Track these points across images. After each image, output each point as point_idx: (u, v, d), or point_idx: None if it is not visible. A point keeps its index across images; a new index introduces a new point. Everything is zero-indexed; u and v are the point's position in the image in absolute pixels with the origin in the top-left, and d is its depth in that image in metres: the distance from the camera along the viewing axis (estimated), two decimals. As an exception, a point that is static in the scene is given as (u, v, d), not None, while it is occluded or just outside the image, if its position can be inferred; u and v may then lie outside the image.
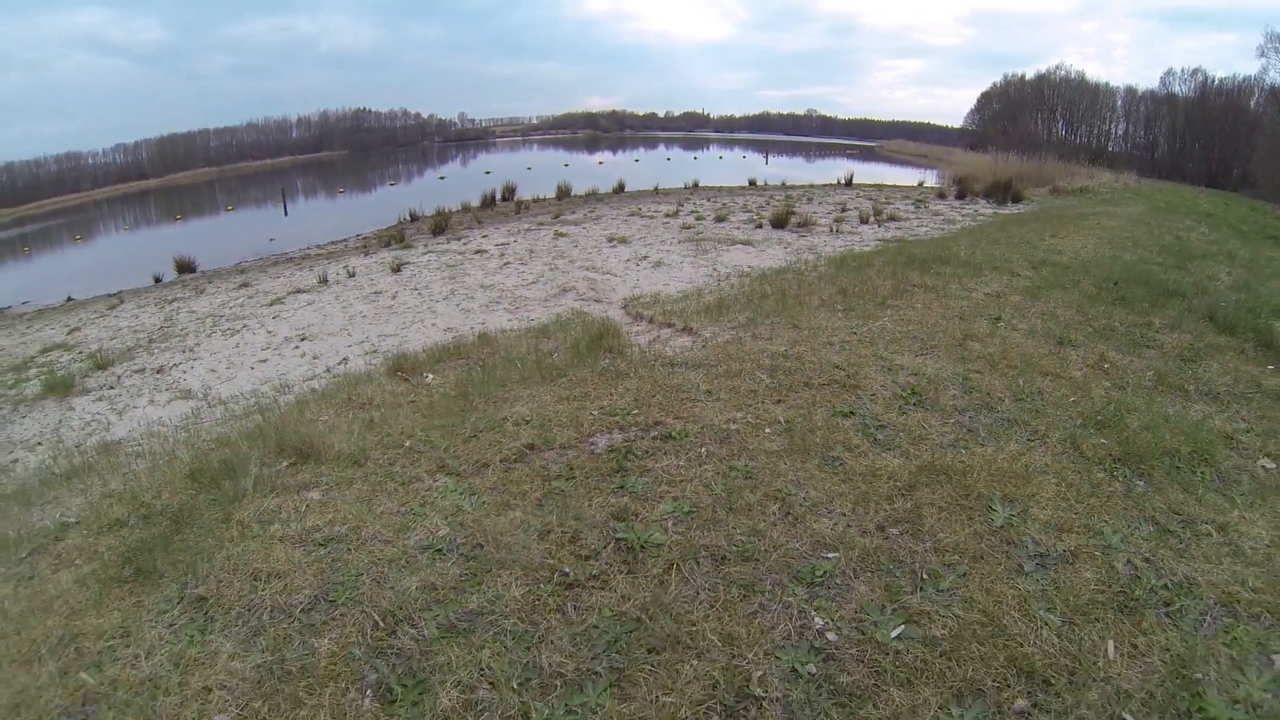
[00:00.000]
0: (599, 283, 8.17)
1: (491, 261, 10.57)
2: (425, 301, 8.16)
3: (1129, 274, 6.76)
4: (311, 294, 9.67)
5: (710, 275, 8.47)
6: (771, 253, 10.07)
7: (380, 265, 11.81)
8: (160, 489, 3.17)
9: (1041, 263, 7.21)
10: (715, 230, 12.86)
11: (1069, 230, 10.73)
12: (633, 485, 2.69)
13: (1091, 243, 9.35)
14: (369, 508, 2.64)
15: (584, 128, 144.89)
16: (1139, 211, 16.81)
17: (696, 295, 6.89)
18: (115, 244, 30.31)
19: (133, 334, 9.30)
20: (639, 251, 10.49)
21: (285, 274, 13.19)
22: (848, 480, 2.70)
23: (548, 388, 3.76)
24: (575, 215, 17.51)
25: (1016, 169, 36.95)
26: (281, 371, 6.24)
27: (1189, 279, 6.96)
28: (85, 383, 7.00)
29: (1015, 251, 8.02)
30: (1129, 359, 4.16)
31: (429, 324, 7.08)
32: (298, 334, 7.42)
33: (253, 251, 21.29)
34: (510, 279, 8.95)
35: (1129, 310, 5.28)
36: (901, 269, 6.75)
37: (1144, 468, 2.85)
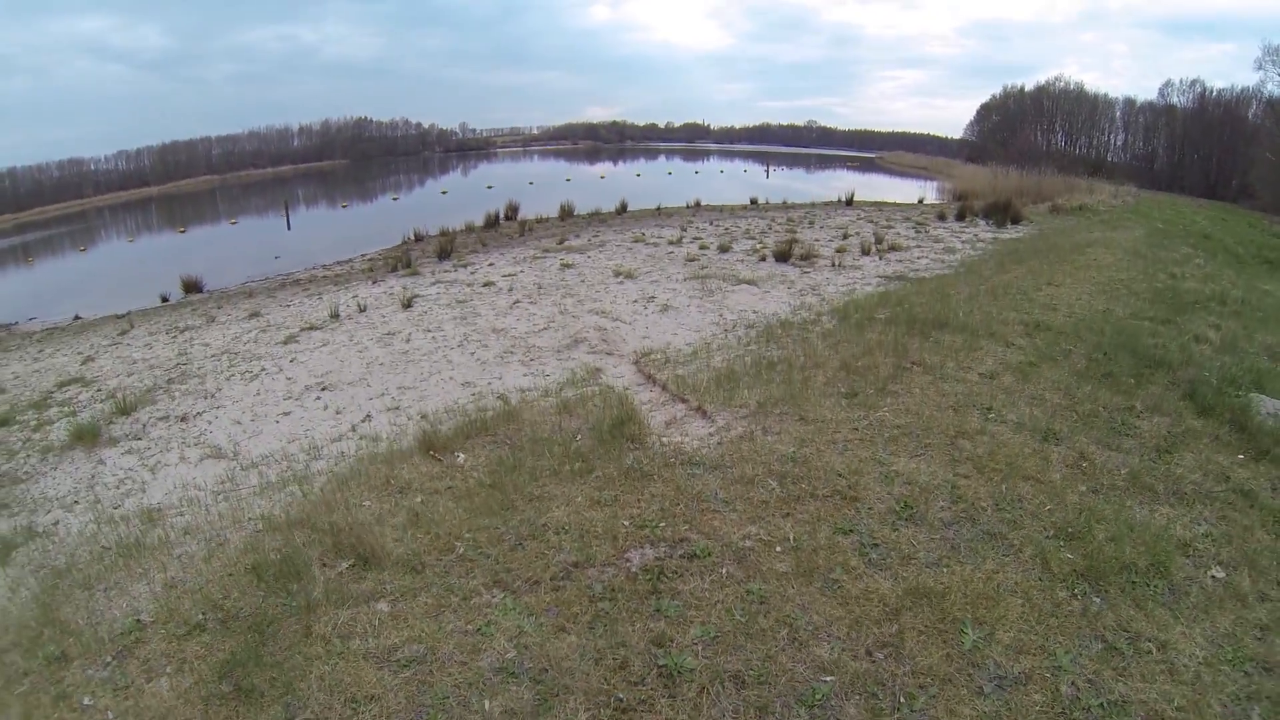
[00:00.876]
0: (610, 332, 8.48)
1: (501, 298, 10.86)
2: (440, 348, 8.44)
3: (1118, 339, 7.09)
4: (324, 331, 9.94)
5: (717, 323, 8.81)
6: (776, 294, 10.41)
7: (389, 297, 12.09)
8: (227, 585, 3.46)
9: (1036, 326, 7.46)
10: (720, 263, 13.16)
11: (1065, 272, 11.01)
12: (666, 608, 3.04)
13: (1086, 292, 9.62)
14: (439, 625, 2.97)
15: (584, 138, 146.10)
16: (1137, 238, 17.13)
17: (706, 353, 7.25)
18: (119, 255, 30.57)
19: (149, 370, 9.56)
20: (646, 290, 10.79)
21: (295, 301, 13.47)
22: (844, 604, 3.07)
23: (579, 485, 4.08)
24: (579, 240, 17.82)
25: (1016, 184, 37.35)
26: (307, 427, 6.51)
27: (1176, 341, 7.24)
28: (111, 430, 7.24)
29: (1011, 308, 8.32)
30: (1107, 454, 4.49)
31: (446, 376, 7.37)
32: (317, 382, 7.69)
33: (258, 270, 21.61)
34: (521, 323, 9.25)
35: (1114, 389, 5.61)
36: (902, 336, 7.01)
37: (1103, 584, 3.21)
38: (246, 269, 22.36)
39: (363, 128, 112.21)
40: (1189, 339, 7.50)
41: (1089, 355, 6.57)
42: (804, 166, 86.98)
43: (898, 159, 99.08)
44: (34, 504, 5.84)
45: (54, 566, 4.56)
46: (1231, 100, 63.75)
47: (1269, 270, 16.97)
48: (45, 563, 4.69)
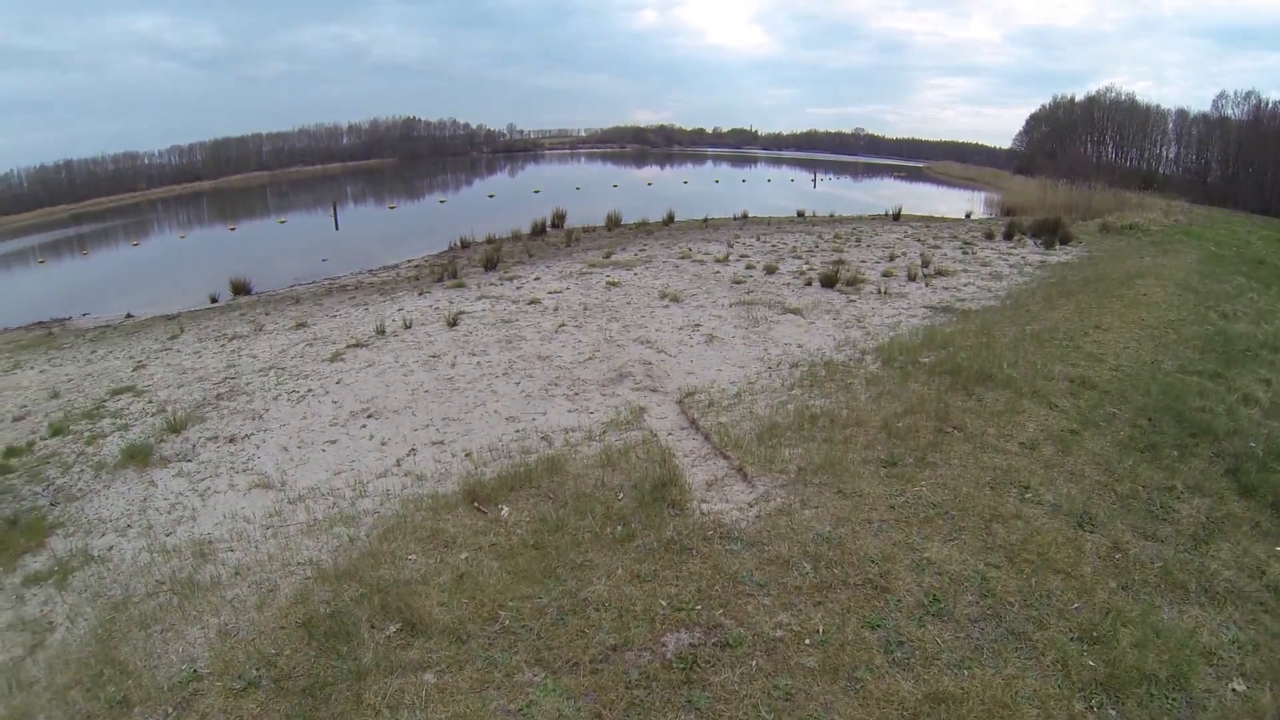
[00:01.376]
0: (655, 366, 8.60)
1: (546, 319, 11.03)
2: (484, 375, 8.63)
3: (1164, 400, 7.05)
4: (370, 349, 10.19)
5: (762, 359, 8.92)
6: (821, 326, 10.50)
7: (435, 312, 12.34)
8: (279, 640, 3.67)
9: (1081, 383, 7.50)
10: (766, 287, 13.23)
11: (1113, 311, 10.92)
12: (698, 700, 3.18)
13: (1134, 338, 9.53)
14: (483, 702, 3.16)
15: (632, 142, 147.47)
16: (1188, 266, 16.78)
17: (749, 395, 7.42)
18: (170, 250, 31.62)
19: (198, 382, 9.90)
20: (692, 316, 10.91)
21: (341, 311, 13.80)
22: (865, 705, 3.18)
23: (620, 555, 4.25)
24: (626, 255, 17.96)
25: (1065, 199, 36.90)
26: (352, 459, 6.71)
27: (1224, 403, 7.18)
28: (162, 449, 7.53)
29: (1057, 358, 8.37)
30: (1142, 543, 4.50)
31: (491, 409, 7.55)
32: (363, 408, 7.91)
33: (306, 271, 22.21)
34: (566, 350, 9.42)
35: (1156, 463, 5.58)
36: (945, 391, 7.08)
37: (1121, 695, 3.25)
38: (294, 270, 22.97)
39: (411, 127, 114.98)
40: (1237, 399, 7.39)
41: (1133, 421, 6.53)
42: (851, 174, 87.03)
43: (945, 169, 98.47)
44: (89, 525, 6.12)
45: (110, 598, 4.80)
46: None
47: None
48: (101, 591, 4.94)
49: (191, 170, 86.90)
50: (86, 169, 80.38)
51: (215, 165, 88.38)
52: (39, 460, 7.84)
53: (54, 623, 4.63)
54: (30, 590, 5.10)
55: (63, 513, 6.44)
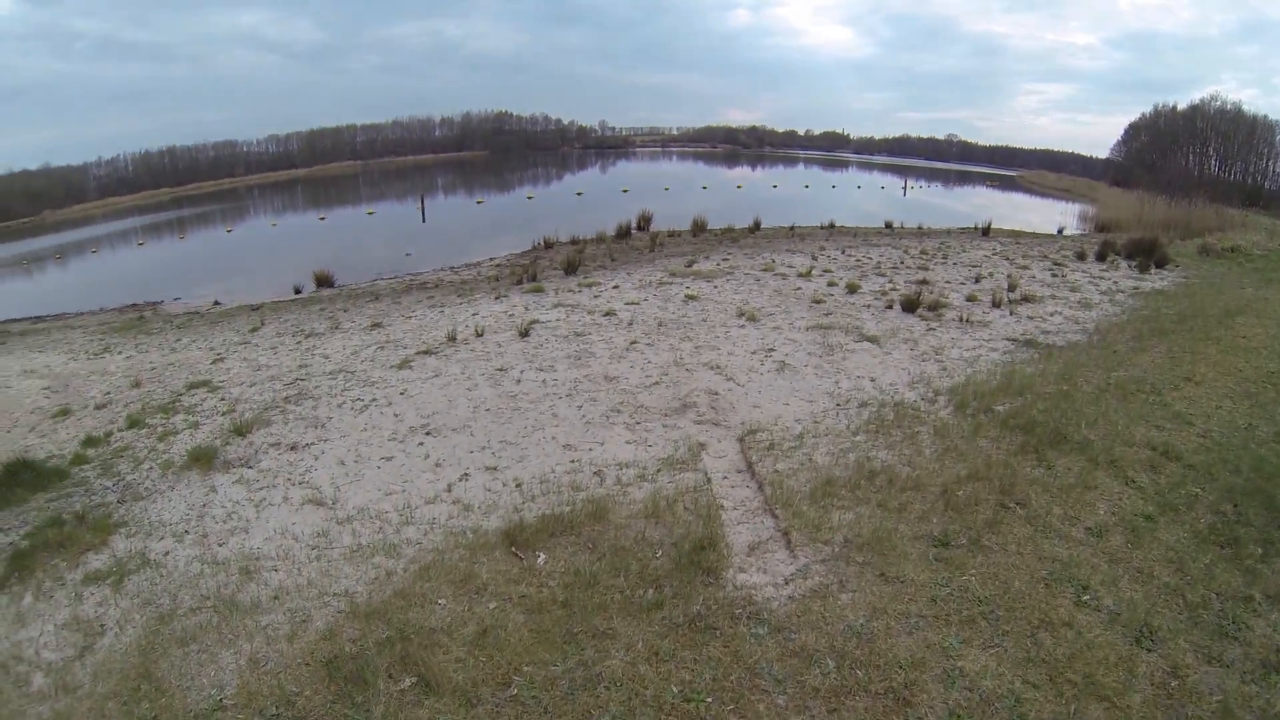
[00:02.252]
0: (721, 397, 8.57)
1: (619, 334, 11.12)
2: (548, 395, 8.76)
3: (1255, 479, 6.47)
4: (438, 358, 10.45)
5: (831, 394, 8.82)
6: (896, 358, 10.32)
7: (509, 319, 12.57)
8: (301, 678, 3.84)
9: (1164, 452, 7.03)
10: (845, 309, 13.07)
11: (1208, 359, 10.40)
12: None
13: (1229, 393, 9.00)
14: None
15: (723, 142, 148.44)
16: None
17: (813, 437, 7.38)
18: (261, 238, 33.07)
19: (269, 382, 10.33)
20: (766, 339, 10.85)
21: (417, 313, 14.18)
22: None
23: (643, 626, 4.25)
24: (709, 264, 17.91)
25: (1163, 216, 35.35)
26: (405, 479, 6.90)
27: None
28: (226, 452, 7.89)
29: (1140, 416, 7.98)
30: (1204, 669, 4.15)
31: (549, 434, 7.66)
32: (423, 423, 8.13)
33: (389, 265, 22.97)
34: (635, 372, 9.49)
35: (1236, 563, 5.13)
36: (1014, 453, 6.87)
37: None
38: (378, 263, 23.76)
39: (503, 121, 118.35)
40: None
41: (1217, 506, 6.03)
42: (942, 181, 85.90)
43: (1039, 178, 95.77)
44: (150, 527, 6.46)
45: (159, 607, 5.09)
46: None
47: None
48: (152, 599, 5.23)
49: (287, 158, 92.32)
50: (189, 155, 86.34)
51: (310, 154, 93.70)
52: (114, 453, 8.31)
53: (105, 626, 4.94)
54: (89, 589, 5.42)
55: (128, 512, 6.81)
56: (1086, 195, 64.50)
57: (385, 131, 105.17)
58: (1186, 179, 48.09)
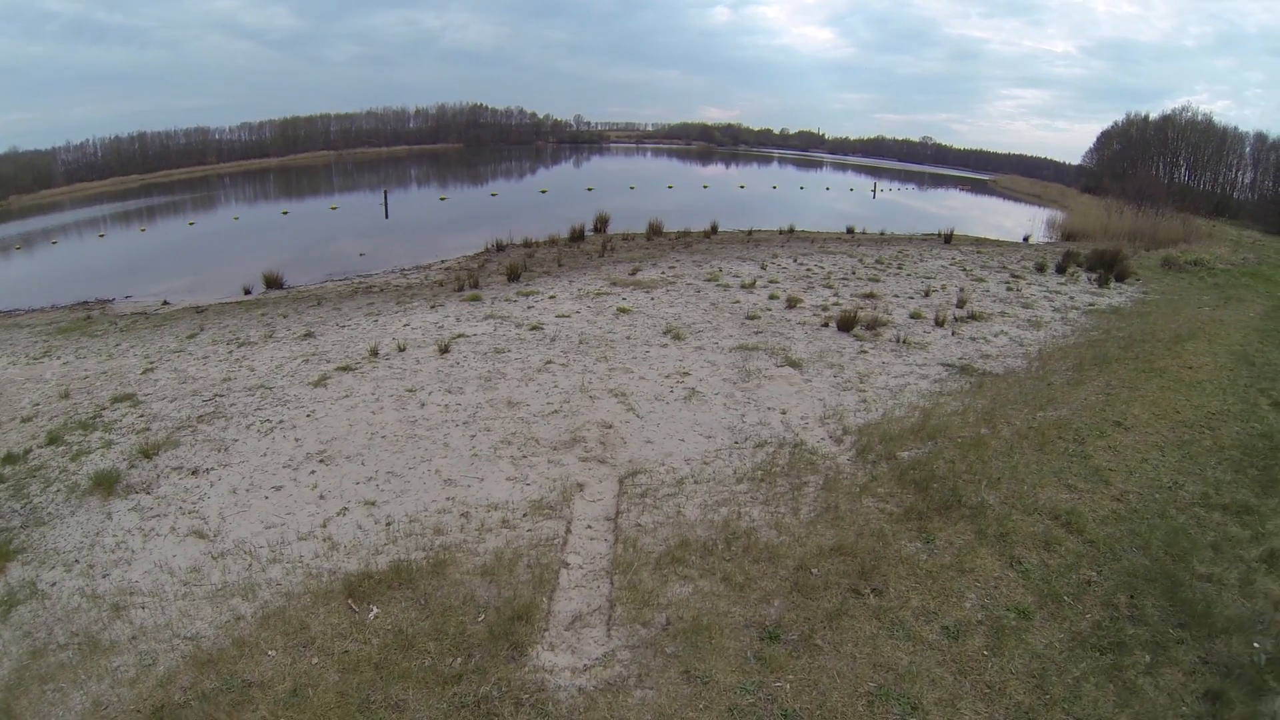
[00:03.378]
0: (615, 431, 8.55)
1: (537, 353, 11.23)
2: (447, 420, 8.85)
3: (1164, 559, 6.02)
4: (355, 375, 10.54)
5: (732, 429, 8.74)
6: (815, 388, 10.26)
7: (437, 330, 12.71)
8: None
9: (1067, 523, 6.57)
10: (778, 327, 13.16)
11: (1147, 396, 10.18)
12: None
13: (1158, 442, 8.59)
14: None
15: (698, 139, 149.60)
16: (1249, 323, 15.97)
17: (692, 484, 7.36)
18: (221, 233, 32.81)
19: (192, 396, 10.40)
20: (685, 362, 10.93)
21: (352, 321, 14.26)
22: None
23: (434, 701, 4.31)
24: (653, 272, 18.07)
25: (1130, 226, 36.04)
26: (288, 510, 7.00)
27: (1240, 567, 6.05)
28: (130, 476, 7.97)
29: (1052, 474, 7.55)
30: None
31: (434, 467, 7.72)
32: (319, 450, 8.21)
33: (341, 266, 22.97)
34: (539, 397, 9.53)
35: (1113, 680, 4.66)
36: (896, 521, 6.64)
37: None
38: (332, 262, 23.78)
39: (478, 114, 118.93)
40: (1260, 558, 6.25)
41: (1110, 597, 5.47)
42: (917, 183, 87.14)
43: (1012, 183, 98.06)
44: (45, 555, 6.57)
45: (35, 641, 5.22)
46: None
47: None
48: (31, 631, 5.35)
49: (259, 147, 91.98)
50: (159, 141, 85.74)
51: (283, 143, 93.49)
52: (29, 471, 8.37)
53: (-14, 657, 5.04)
54: (-19, 617, 5.54)
55: (28, 538, 6.87)
56: (1057, 201, 65.58)
57: (360, 122, 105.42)
58: (1155, 188, 48.74)
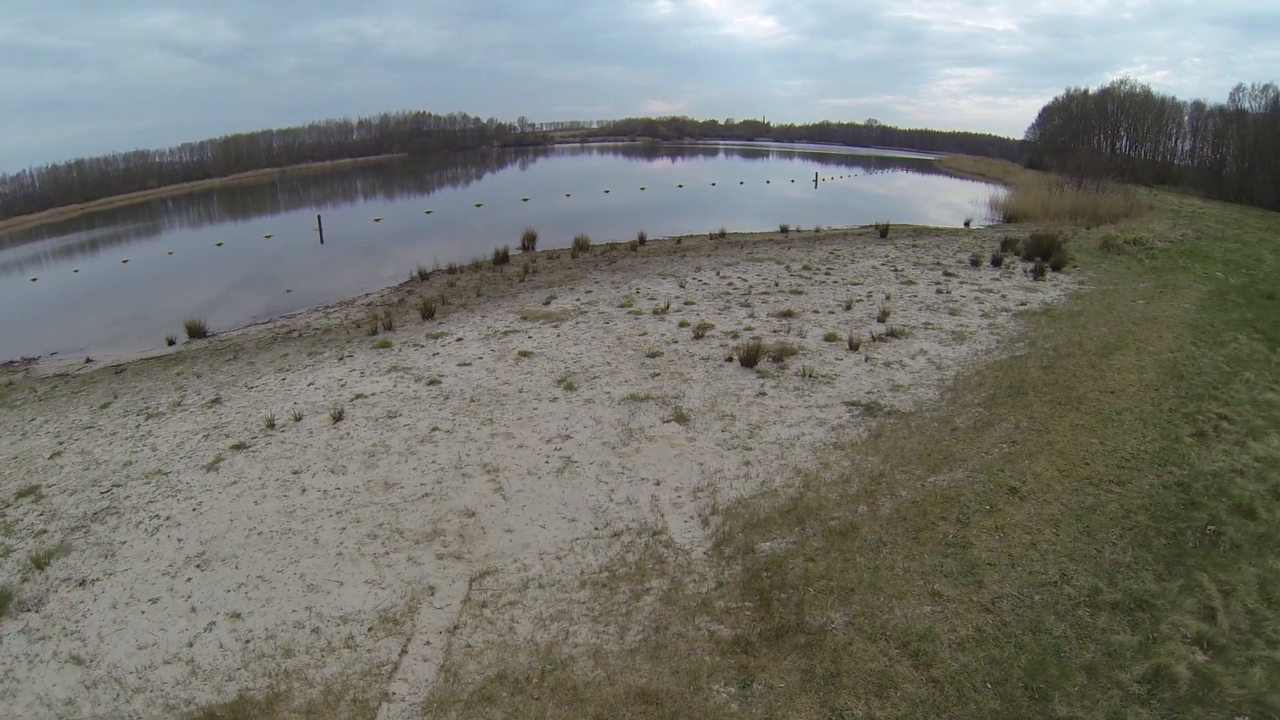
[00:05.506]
0: (478, 518, 8.47)
1: (426, 418, 11.29)
2: (322, 510, 8.85)
3: (1021, 700, 5.32)
4: (247, 455, 10.57)
5: (595, 514, 8.45)
6: (698, 448, 10.00)
7: (339, 389, 12.79)
8: None
9: (917, 652, 5.91)
10: (679, 365, 13.23)
11: (1053, 448, 9.54)
12: None
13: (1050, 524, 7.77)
14: None
15: (643, 134, 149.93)
16: (1184, 318, 15.89)
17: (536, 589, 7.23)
18: (152, 271, 32.20)
19: (90, 488, 10.38)
20: (571, 420, 10.96)
21: (261, 381, 14.28)
22: None
23: None
24: (568, 300, 18.24)
25: (1071, 203, 36.51)
26: (162, 626, 7.03)
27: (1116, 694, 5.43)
28: (22, 590, 7.94)
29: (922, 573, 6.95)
30: None
31: (301, 569, 7.75)
32: (198, 552, 8.23)
33: (269, 304, 22.85)
34: (414, 477, 9.48)
35: None
36: (723, 653, 6.10)
37: None
38: (260, 298, 23.66)
39: (421, 121, 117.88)
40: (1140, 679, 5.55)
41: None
42: (863, 166, 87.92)
43: (957, 162, 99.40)
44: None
45: None
46: None
47: None
48: None
49: (201, 167, 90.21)
50: (98, 168, 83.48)
51: (225, 162, 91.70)
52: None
53: None
54: None
55: None
56: (1001, 179, 66.84)
57: (302, 136, 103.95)
58: (1097, 162, 49.47)
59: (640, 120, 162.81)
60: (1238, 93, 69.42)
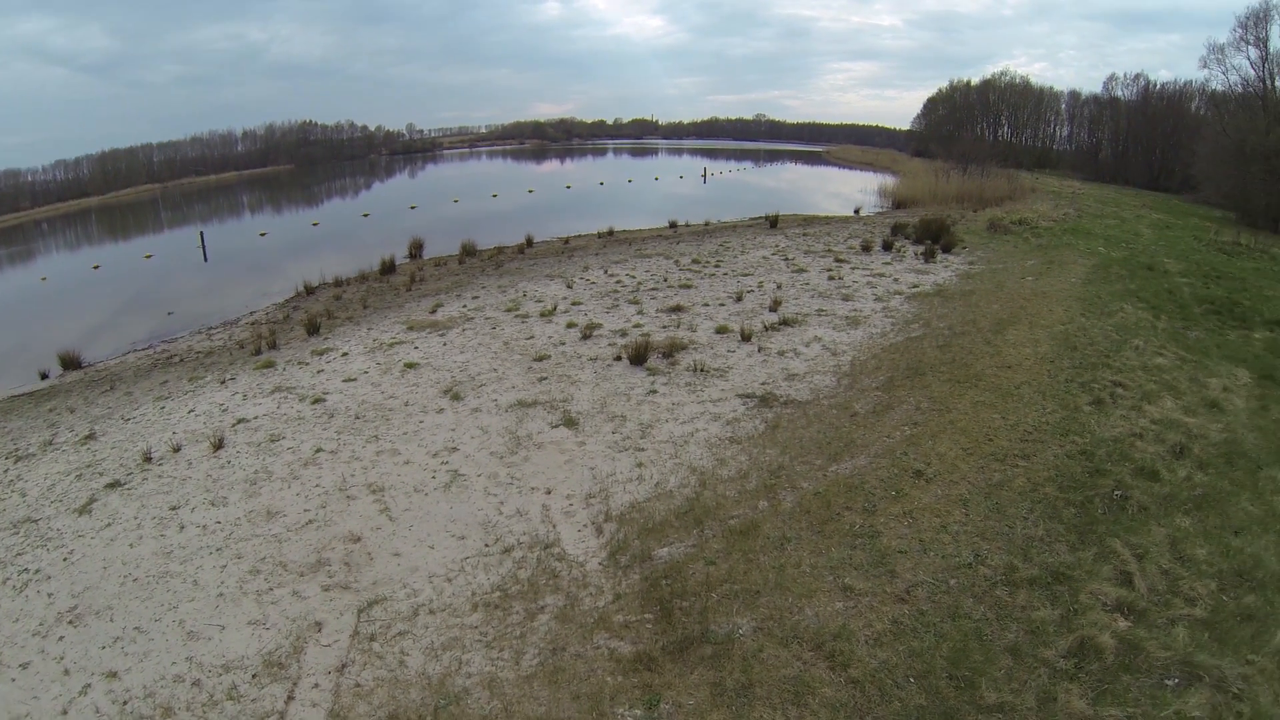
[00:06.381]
0: (364, 543, 7.80)
1: (310, 439, 10.51)
2: (202, 547, 8.02)
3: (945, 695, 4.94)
4: (122, 493, 9.55)
5: (484, 529, 7.82)
6: (589, 451, 9.48)
7: (221, 414, 11.83)
8: None
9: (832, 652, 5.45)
10: (567, 367, 12.77)
11: (956, 427, 9.30)
12: None
13: (960, 503, 7.48)
14: None
15: (532, 137, 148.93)
16: (1072, 291, 16.29)
17: (426, 615, 6.77)
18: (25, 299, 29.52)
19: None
20: (457, 431, 10.38)
21: (138, 412, 13.09)
22: None
23: None
24: (453, 309, 17.53)
25: (957, 188, 37.63)
26: (34, 694, 6.18)
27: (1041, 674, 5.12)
28: None
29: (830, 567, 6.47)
30: None
31: (180, 615, 6.98)
32: (71, 606, 7.32)
33: (148, 328, 21.19)
34: (297, 504, 8.71)
35: None
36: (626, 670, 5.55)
37: None
38: (141, 322, 21.96)
39: (308, 131, 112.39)
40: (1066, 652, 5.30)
41: None
42: (752, 160, 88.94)
43: (845, 152, 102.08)
44: None
45: None
46: (1174, 94, 65.87)
47: (1218, 324, 14.81)
48: None
49: (78, 185, 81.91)
50: (-38, 190, 75.20)
51: (103, 179, 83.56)
52: None
53: None
54: None
55: None
56: (889, 167, 68.91)
57: (184, 149, 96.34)
58: (980, 149, 51.31)
59: (529, 123, 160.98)
60: (1111, 82, 74.79)
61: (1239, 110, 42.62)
